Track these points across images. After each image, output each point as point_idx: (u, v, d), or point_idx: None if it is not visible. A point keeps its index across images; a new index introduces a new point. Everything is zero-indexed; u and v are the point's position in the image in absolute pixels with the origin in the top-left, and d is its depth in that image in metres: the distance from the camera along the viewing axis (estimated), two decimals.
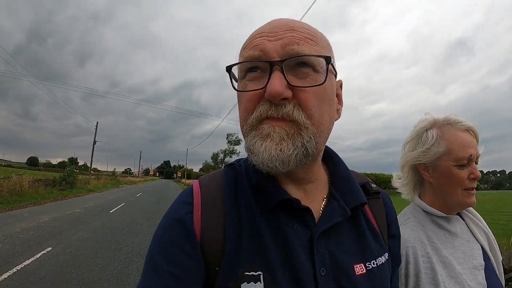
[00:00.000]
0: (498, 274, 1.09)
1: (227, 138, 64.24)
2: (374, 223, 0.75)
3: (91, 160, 38.60)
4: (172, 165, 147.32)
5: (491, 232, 1.14)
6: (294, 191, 0.66)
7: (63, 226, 9.02)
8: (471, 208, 1.13)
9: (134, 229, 9.04)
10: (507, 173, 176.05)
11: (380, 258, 0.69)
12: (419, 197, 1.17)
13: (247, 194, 0.66)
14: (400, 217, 1.13)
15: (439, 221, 1.09)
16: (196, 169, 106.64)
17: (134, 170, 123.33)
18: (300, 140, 0.59)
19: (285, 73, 0.58)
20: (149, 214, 12.59)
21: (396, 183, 1.23)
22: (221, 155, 66.26)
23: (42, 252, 5.99)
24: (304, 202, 0.65)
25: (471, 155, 1.02)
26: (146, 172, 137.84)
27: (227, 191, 0.67)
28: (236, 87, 0.64)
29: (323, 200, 0.70)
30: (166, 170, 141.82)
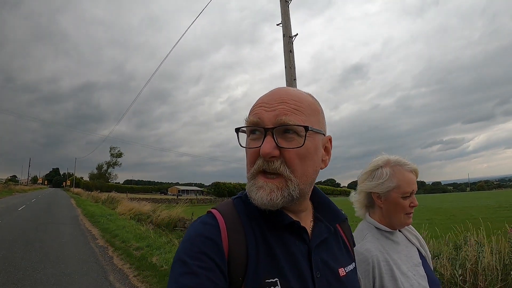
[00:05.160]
0: (430, 266, 1.35)
1: (110, 151, 68.07)
2: (345, 239, 0.94)
3: None
4: (61, 173, 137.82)
5: (420, 236, 1.40)
6: (292, 217, 0.78)
7: None
8: None
9: (38, 215, 15.87)
10: None
11: (350, 265, 0.87)
12: (369, 215, 1.38)
13: (258, 219, 0.78)
14: (359, 233, 1.35)
15: (386, 234, 1.32)
16: (86, 177, 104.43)
17: (22, 177, 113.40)
18: (287, 190, 0.73)
19: (276, 137, 0.72)
20: (45, 211, 19.18)
21: (352, 198, 1.46)
22: (105, 166, 69.90)
23: None
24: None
25: (413, 190, 1.29)
26: (34, 180, 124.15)
27: (243, 216, 0.78)
28: (242, 145, 0.78)
29: (311, 222, 0.85)
30: (55, 178, 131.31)
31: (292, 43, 6.34)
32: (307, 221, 0.84)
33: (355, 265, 0.91)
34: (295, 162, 0.74)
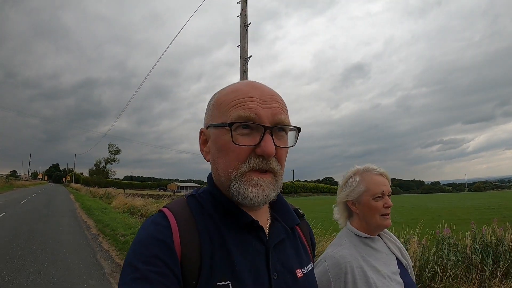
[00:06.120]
0: (410, 274, 1.38)
1: (108, 148, 69.82)
2: (304, 239, 0.93)
3: None
4: (61, 168, 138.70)
5: (402, 246, 1.43)
6: (250, 215, 0.77)
7: (3, 207, 16.88)
8: (386, 230, 1.42)
9: (39, 208, 17.33)
10: None
11: (309, 265, 0.86)
12: (350, 223, 1.42)
13: (214, 218, 0.75)
14: (338, 239, 1.40)
15: (366, 241, 1.35)
16: (86, 172, 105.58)
17: (22, 173, 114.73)
18: (277, 186, 0.75)
19: (272, 136, 0.72)
20: (46, 204, 20.69)
21: (335, 216, 1.50)
22: (103, 162, 71.60)
23: (2, 214, 13.91)
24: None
25: (383, 191, 1.33)
26: (34, 175, 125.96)
27: (197, 215, 0.75)
28: (234, 141, 0.71)
29: (267, 221, 0.83)
30: (55, 174, 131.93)
31: (247, 64, 7.71)
32: (264, 220, 0.82)
33: (312, 266, 0.90)
34: (284, 159, 0.77)
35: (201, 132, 0.83)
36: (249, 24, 7.74)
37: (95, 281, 5.40)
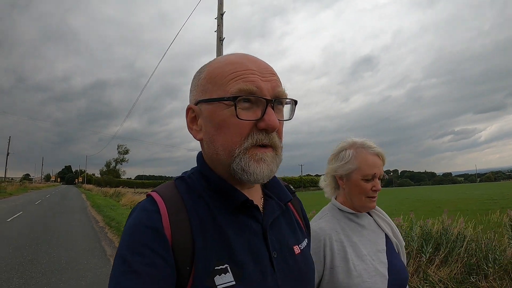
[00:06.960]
0: (401, 255, 1.34)
1: (117, 149, 71.82)
2: (296, 215, 0.90)
3: (5, 170, 44.77)
4: (73, 170, 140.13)
5: (393, 223, 1.37)
6: (244, 193, 0.73)
7: (19, 207, 18.45)
8: (377, 207, 1.36)
9: (53, 207, 18.81)
10: (399, 172, 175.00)
11: (304, 241, 0.83)
12: (335, 198, 1.38)
13: (205, 199, 0.71)
14: (321, 213, 1.36)
15: (350, 216, 1.31)
16: (98, 173, 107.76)
17: (35, 175, 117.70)
18: (278, 160, 0.72)
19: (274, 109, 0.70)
20: (59, 204, 22.20)
21: (322, 184, 1.44)
22: (113, 163, 73.75)
23: (19, 213, 15.35)
24: None
25: (375, 173, 1.26)
26: (48, 177, 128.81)
27: (186, 198, 0.71)
28: (238, 116, 0.67)
29: (261, 199, 0.80)
30: (68, 176, 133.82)
31: None
32: (257, 198, 0.79)
33: (308, 241, 0.88)
34: (282, 132, 0.74)
35: (188, 109, 0.77)
36: (223, 39, 8.87)
37: (97, 259, 6.67)
